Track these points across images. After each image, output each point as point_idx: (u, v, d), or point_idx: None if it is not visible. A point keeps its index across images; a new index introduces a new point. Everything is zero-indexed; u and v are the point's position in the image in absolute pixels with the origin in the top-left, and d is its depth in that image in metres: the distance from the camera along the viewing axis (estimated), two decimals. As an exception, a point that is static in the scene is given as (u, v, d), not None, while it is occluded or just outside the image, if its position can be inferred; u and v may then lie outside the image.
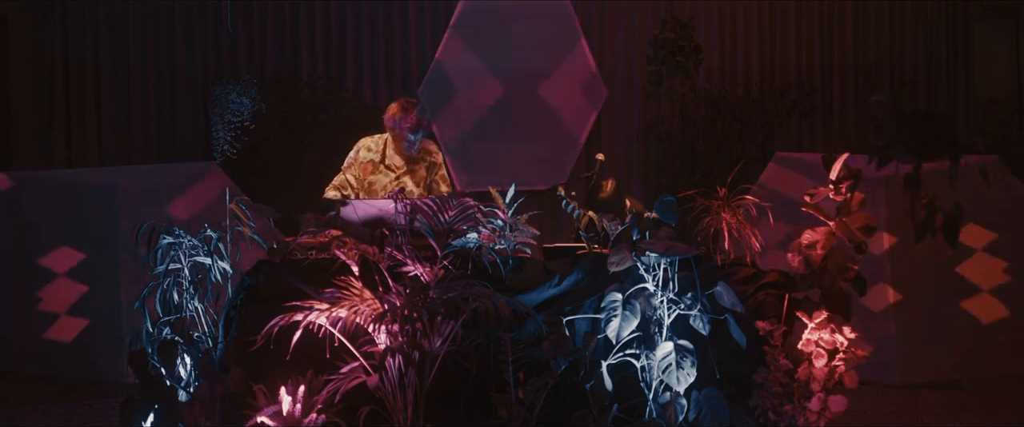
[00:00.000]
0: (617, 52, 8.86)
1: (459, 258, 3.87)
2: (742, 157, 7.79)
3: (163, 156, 8.33)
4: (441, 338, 3.72)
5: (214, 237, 3.94)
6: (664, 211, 3.78)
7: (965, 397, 5.38)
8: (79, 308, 6.05)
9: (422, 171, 5.22)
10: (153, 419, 3.82)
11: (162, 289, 3.88)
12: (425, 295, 3.67)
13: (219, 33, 8.40)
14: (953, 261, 5.71)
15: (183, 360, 3.86)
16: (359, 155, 5.24)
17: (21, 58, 8.23)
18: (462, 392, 3.83)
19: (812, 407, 3.74)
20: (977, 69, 9.43)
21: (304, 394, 3.65)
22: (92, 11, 8.28)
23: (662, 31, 8.09)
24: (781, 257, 3.95)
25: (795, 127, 8.90)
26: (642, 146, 8.83)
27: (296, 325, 3.65)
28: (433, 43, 8.59)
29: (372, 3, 8.57)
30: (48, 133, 8.25)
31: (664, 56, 8.00)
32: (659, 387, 3.76)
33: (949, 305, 5.70)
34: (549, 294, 4.04)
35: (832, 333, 3.76)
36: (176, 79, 8.40)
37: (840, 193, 3.76)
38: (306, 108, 8.03)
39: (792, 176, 6.16)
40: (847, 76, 9.16)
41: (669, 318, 3.77)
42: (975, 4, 9.36)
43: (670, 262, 3.79)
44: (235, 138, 7.39)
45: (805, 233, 3.84)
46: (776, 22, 9.05)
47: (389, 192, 4.09)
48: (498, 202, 4.26)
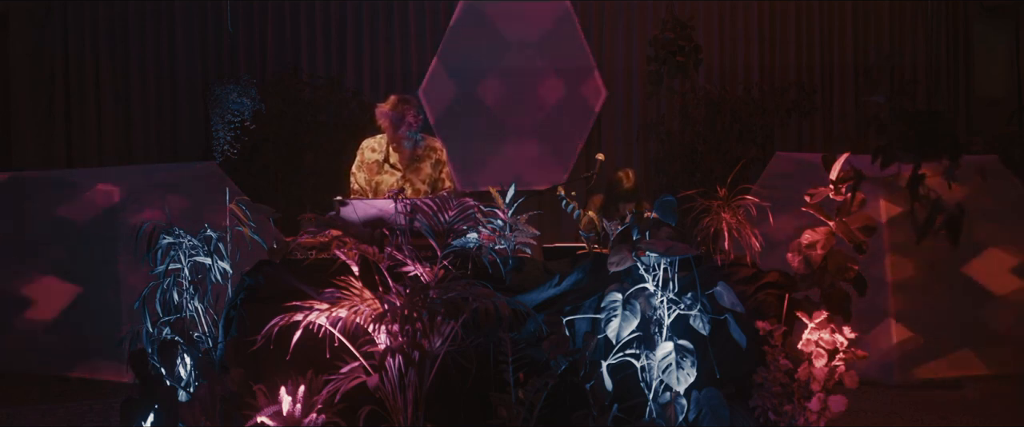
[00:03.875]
0: (617, 52, 8.86)
1: (459, 258, 3.86)
2: (742, 157, 7.79)
3: (163, 156, 8.33)
4: (441, 338, 3.71)
5: (214, 237, 3.94)
6: (664, 211, 3.78)
7: (965, 397, 5.38)
8: (79, 308, 6.05)
9: (427, 168, 5.21)
10: (153, 419, 3.81)
11: (162, 289, 3.88)
12: (425, 295, 3.67)
13: (219, 33, 8.40)
14: (954, 261, 5.71)
15: (183, 360, 3.86)
16: (364, 156, 5.23)
17: (21, 58, 8.23)
18: (462, 392, 3.82)
19: (812, 407, 3.74)
20: (977, 69, 9.43)
21: (304, 394, 3.65)
22: (92, 11, 8.28)
23: (662, 31, 8.10)
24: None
25: (795, 127, 8.90)
26: (642, 146, 8.83)
27: (296, 325, 3.65)
28: (433, 43, 8.60)
29: (372, 3, 8.57)
30: (48, 133, 8.25)
31: (664, 56, 8.00)
32: (659, 387, 3.76)
33: (949, 305, 5.70)
34: (549, 294, 4.04)
35: (832, 333, 3.76)
36: (176, 79, 8.40)
37: (840, 193, 3.76)
38: (306, 108, 8.03)
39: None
40: (847, 76, 9.17)
41: (669, 318, 3.77)
42: (975, 4, 9.36)
43: (670, 262, 3.79)
44: (235, 138, 7.39)
45: (805, 233, 3.84)
46: (776, 22, 9.05)
47: (389, 192, 4.07)
48: (498, 202, 4.26)
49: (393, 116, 5.07)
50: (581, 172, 7.99)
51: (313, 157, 7.97)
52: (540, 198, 7.73)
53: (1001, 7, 9.28)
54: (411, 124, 5.08)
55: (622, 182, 5.31)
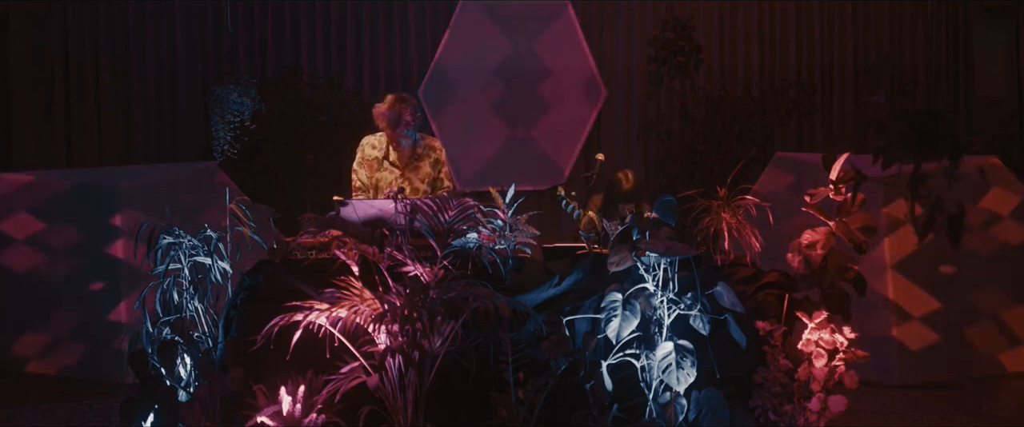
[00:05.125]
0: (617, 52, 8.86)
1: (459, 258, 3.86)
2: (742, 157, 7.79)
3: (163, 156, 8.33)
4: (441, 338, 3.71)
5: (214, 237, 3.94)
6: (664, 211, 3.78)
7: (965, 397, 5.38)
8: (79, 308, 6.05)
9: (427, 167, 5.21)
10: (153, 419, 3.81)
11: (162, 289, 3.88)
12: (425, 295, 3.67)
13: (219, 33, 8.40)
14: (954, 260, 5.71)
15: (183, 360, 3.86)
16: (365, 153, 5.23)
17: (21, 58, 8.23)
18: (462, 392, 3.82)
19: (812, 407, 3.73)
20: (977, 69, 9.43)
21: (304, 394, 3.65)
22: (92, 11, 8.28)
23: (662, 31, 8.10)
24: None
25: (795, 127, 8.90)
26: (642, 146, 8.83)
27: (296, 325, 3.65)
28: (433, 43, 8.60)
29: (372, 3, 8.57)
30: (48, 133, 8.25)
31: (664, 56, 8.00)
32: (659, 387, 3.75)
33: (949, 305, 5.70)
34: (549, 294, 4.04)
35: (832, 333, 3.76)
36: (176, 79, 8.40)
37: (840, 193, 3.76)
38: (306, 108, 8.03)
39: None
40: (847, 76, 9.17)
41: (669, 318, 3.76)
42: (975, 4, 9.36)
43: (670, 262, 3.79)
44: (235, 138, 7.38)
45: (805, 233, 3.84)
46: (776, 22, 9.05)
47: (388, 192, 4.07)
48: (498, 202, 4.25)
49: (390, 116, 5.07)
50: (581, 172, 7.99)
51: (313, 157, 7.96)
52: (540, 198, 7.73)
53: (1001, 7, 9.29)
54: (409, 123, 5.08)
55: (622, 183, 5.32)
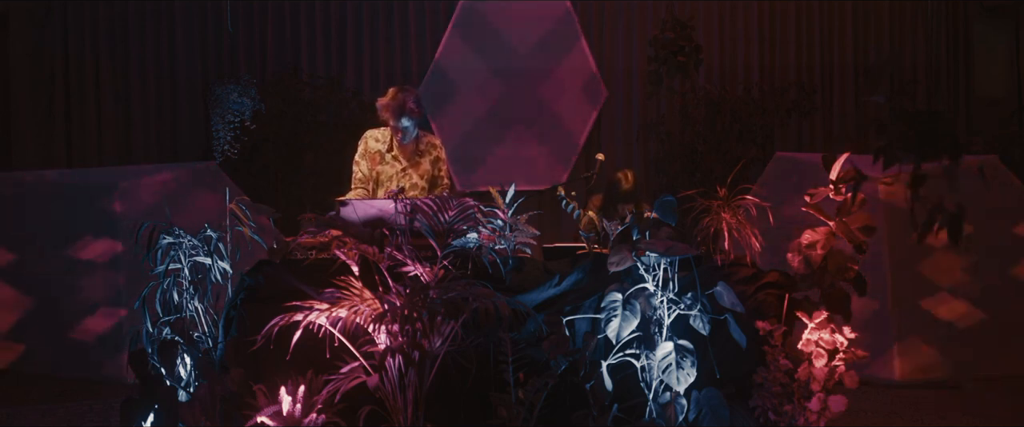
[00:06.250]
0: (617, 52, 8.86)
1: (459, 258, 3.86)
2: (742, 157, 7.79)
3: (163, 156, 8.33)
4: (441, 338, 3.71)
5: (214, 237, 3.93)
6: (664, 211, 3.78)
7: (965, 397, 5.38)
8: (79, 308, 6.05)
9: (426, 164, 5.21)
10: (153, 419, 3.81)
11: (162, 289, 3.87)
12: (425, 295, 3.67)
13: (219, 33, 8.40)
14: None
15: (183, 360, 3.86)
16: (368, 145, 5.23)
17: (21, 58, 8.23)
18: (462, 392, 3.82)
19: (812, 407, 3.73)
20: (977, 69, 9.43)
21: (304, 394, 3.65)
22: (92, 11, 8.28)
23: (662, 31, 8.10)
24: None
25: (795, 127, 8.90)
26: (642, 146, 8.83)
27: (296, 325, 3.65)
28: (433, 43, 8.60)
29: (372, 3, 8.57)
30: (48, 133, 8.25)
31: (664, 56, 8.00)
32: (659, 387, 3.75)
33: (949, 305, 5.69)
34: (549, 294, 4.04)
35: (832, 333, 3.76)
36: (176, 79, 8.40)
37: (840, 193, 3.76)
38: (306, 108, 8.03)
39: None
40: (847, 76, 9.17)
41: (669, 318, 3.76)
42: (975, 4, 9.36)
43: (670, 262, 3.79)
44: (235, 138, 7.39)
45: (805, 233, 3.84)
46: (776, 22, 9.06)
47: (388, 192, 4.07)
48: (498, 202, 4.25)
49: (394, 106, 5.07)
50: (581, 172, 7.99)
51: (313, 157, 7.96)
52: (540, 198, 7.73)
53: (1001, 7, 9.29)
54: (413, 110, 5.07)
55: (622, 183, 5.32)
